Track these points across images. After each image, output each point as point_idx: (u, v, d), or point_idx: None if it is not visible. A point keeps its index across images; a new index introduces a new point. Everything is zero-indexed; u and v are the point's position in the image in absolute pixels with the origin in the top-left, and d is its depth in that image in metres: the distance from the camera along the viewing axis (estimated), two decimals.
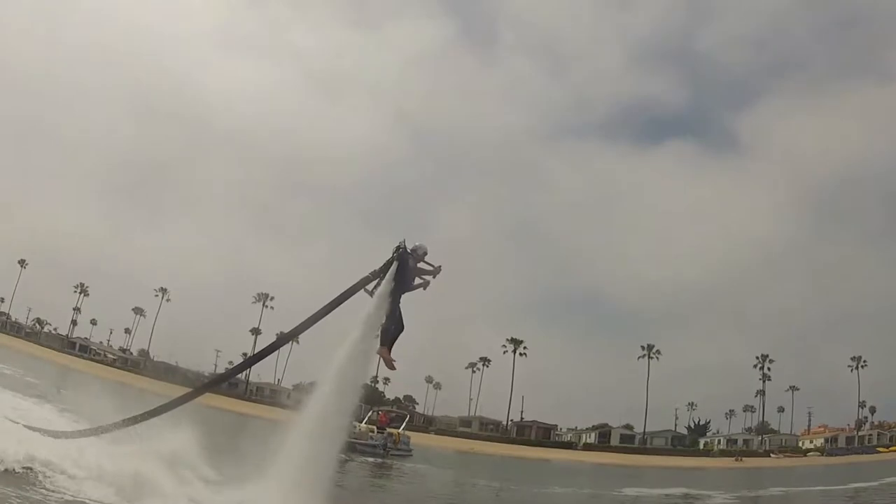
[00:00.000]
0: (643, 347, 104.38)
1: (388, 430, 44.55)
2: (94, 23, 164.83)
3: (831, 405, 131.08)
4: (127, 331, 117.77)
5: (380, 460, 35.08)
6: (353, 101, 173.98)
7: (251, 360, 18.94)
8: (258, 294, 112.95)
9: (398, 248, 12.03)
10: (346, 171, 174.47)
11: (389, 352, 11.51)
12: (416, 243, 12.24)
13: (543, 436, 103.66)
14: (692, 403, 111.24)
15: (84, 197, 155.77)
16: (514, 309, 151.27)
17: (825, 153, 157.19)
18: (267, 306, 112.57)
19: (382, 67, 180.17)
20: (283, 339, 14.54)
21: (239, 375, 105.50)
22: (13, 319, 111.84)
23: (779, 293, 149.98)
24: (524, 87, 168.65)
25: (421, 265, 12.17)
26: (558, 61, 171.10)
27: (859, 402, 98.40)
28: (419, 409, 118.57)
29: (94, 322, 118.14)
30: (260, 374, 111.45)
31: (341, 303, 11.94)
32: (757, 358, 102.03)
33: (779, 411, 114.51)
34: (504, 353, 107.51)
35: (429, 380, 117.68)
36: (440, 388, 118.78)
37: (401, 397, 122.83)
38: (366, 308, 11.67)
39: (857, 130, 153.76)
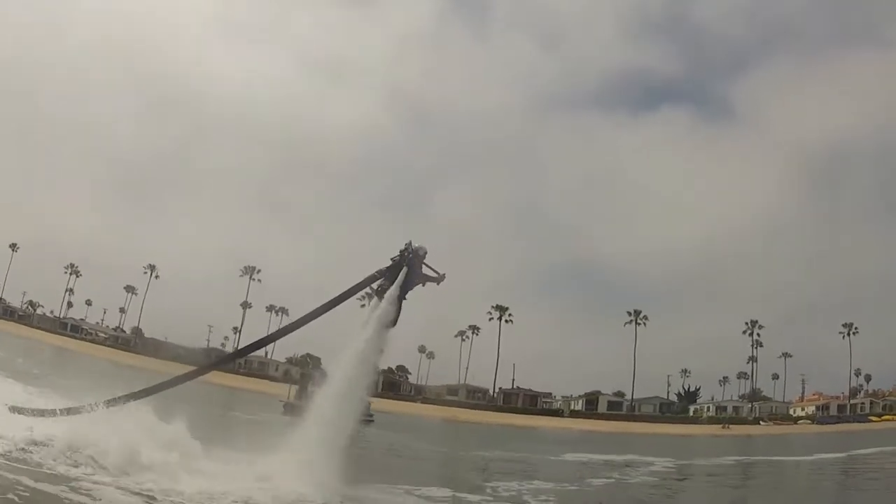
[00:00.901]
0: (629, 313, 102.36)
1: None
2: (93, 12, 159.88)
3: (827, 374, 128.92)
4: (122, 310, 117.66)
5: None
6: (349, 82, 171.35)
7: (257, 344, 17.96)
8: (245, 267, 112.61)
9: (406, 249, 12.95)
10: (344, 152, 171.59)
11: None
12: (418, 244, 13.22)
13: (530, 403, 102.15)
14: (685, 371, 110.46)
15: (84, 185, 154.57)
16: (510, 282, 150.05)
17: (821, 123, 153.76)
18: (254, 279, 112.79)
19: (377, 47, 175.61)
20: (291, 327, 14.81)
21: (221, 346, 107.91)
22: (6, 303, 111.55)
23: (775, 261, 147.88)
24: (518, 60, 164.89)
25: (426, 271, 13.23)
26: (552, 34, 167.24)
27: (851, 370, 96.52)
28: (412, 378, 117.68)
29: (88, 303, 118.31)
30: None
31: (348, 297, 13.34)
32: (746, 324, 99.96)
33: (773, 378, 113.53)
34: (490, 320, 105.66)
35: (422, 349, 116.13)
36: (433, 358, 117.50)
37: (393, 367, 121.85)
38: (378, 308, 12.82)
39: (853, 100, 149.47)
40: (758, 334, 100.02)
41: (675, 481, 19.54)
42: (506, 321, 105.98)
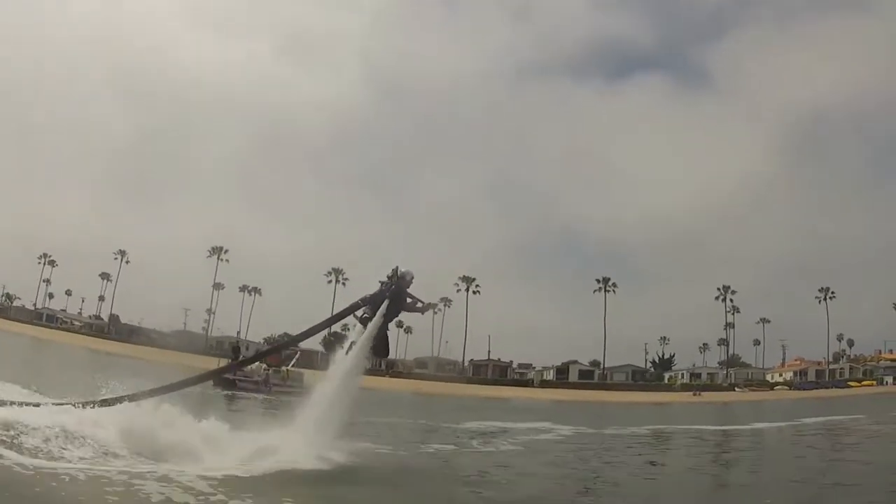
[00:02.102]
0: (598, 281, 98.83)
1: (283, 368, 44.64)
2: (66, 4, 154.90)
3: (811, 340, 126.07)
4: (101, 298, 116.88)
5: (263, 397, 34.36)
6: (324, 60, 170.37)
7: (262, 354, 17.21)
8: (212, 248, 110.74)
9: (391, 276, 12.34)
10: (320, 130, 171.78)
11: None
12: (403, 269, 12.53)
13: (500, 374, 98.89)
14: (664, 338, 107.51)
15: (58, 176, 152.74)
16: (488, 253, 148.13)
17: (801, 89, 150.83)
18: (222, 260, 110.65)
19: (351, 24, 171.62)
20: (282, 345, 16.50)
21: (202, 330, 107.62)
22: None
23: (756, 228, 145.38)
24: (491, 31, 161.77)
25: (410, 301, 12.52)
26: (524, 3, 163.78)
27: (829, 335, 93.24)
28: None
29: (68, 293, 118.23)
30: (221, 327, 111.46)
31: (331, 325, 13.69)
32: (719, 290, 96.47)
33: (755, 345, 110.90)
34: (457, 291, 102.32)
35: (399, 324, 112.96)
36: (411, 333, 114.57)
37: None
38: (360, 339, 12.14)
39: (834, 65, 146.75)
40: (731, 300, 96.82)
41: (542, 451, 15.91)
42: (473, 292, 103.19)
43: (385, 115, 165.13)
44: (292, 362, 46.30)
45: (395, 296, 12.27)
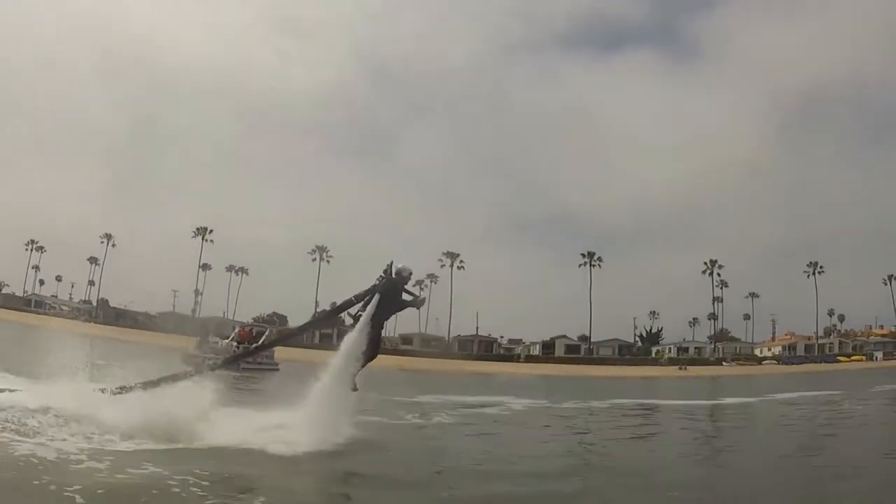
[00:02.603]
0: (583, 255, 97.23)
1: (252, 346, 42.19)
2: None
3: (803, 315, 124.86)
4: (91, 283, 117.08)
5: (236, 374, 32.45)
6: (311, 38, 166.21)
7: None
8: (197, 228, 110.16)
9: (386, 271, 11.24)
10: (308, 108, 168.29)
11: None
12: (400, 265, 11.40)
13: (486, 349, 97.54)
14: (654, 312, 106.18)
15: (41, 158, 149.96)
16: (479, 229, 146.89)
17: (794, 62, 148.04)
18: (207, 240, 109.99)
19: (338, 4, 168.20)
20: (275, 342, 13.79)
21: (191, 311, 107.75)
22: None
23: (748, 202, 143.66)
24: (477, 9, 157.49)
25: (409, 298, 11.62)
26: None
27: (818, 309, 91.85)
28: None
29: (59, 278, 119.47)
30: (210, 308, 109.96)
31: (324, 322, 13.78)
32: (705, 264, 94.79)
33: (745, 319, 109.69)
34: (441, 267, 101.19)
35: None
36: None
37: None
38: (346, 339, 11.13)
39: (824, 36, 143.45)
40: (719, 274, 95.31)
41: (469, 425, 14.45)
42: (458, 268, 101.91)
43: (375, 94, 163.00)
44: (262, 339, 45.19)
45: (387, 293, 11.19)
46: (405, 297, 11.57)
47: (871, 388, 31.07)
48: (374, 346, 11.25)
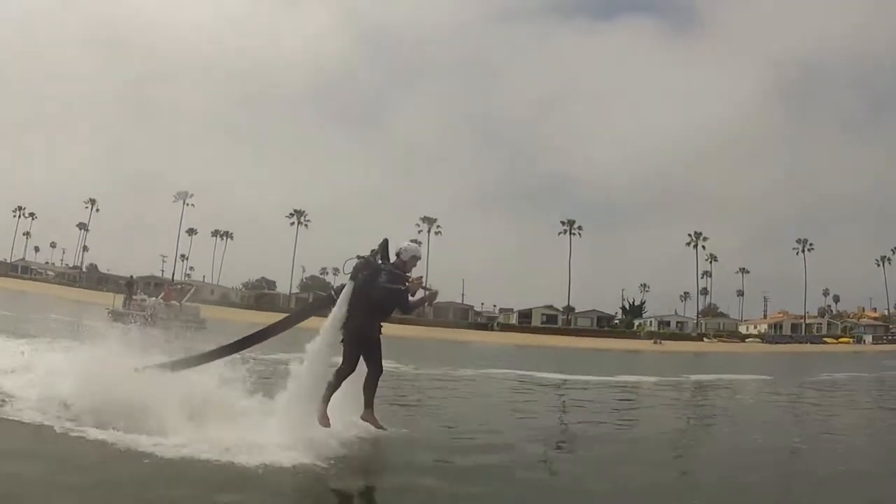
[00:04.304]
0: (563, 223, 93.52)
1: (174, 302, 43.52)
2: None
3: (797, 294, 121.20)
4: (85, 248, 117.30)
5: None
6: (299, 5, 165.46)
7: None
8: (178, 193, 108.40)
9: (375, 252, 7.86)
10: (298, 76, 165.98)
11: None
12: (404, 244, 7.87)
13: (461, 317, 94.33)
14: (644, 285, 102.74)
15: (36, 130, 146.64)
16: (467, 197, 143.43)
17: (789, 31, 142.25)
18: (188, 204, 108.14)
19: None
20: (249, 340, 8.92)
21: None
22: None
23: (743, 175, 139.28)
24: None
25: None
26: None
27: (805, 288, 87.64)
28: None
29: (53, 245, 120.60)
30: (191, 272, 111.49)
31: (293, 324, 8.62)
32: (690, 236, 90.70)
33: (738, 295, 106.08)
34: (419, 232, 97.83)
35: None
36: None
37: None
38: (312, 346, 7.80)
39: (823, 6, 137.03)
40: (704, 247, 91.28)
41: None
42: (435, 233, 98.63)
43: (363, 60, 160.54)
44: (186, 297, 44.93)
45: (370, 277, 7.70)
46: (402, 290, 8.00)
47: (816, 376, 27.36)
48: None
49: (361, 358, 7.64)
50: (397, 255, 7.83)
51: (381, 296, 7.58)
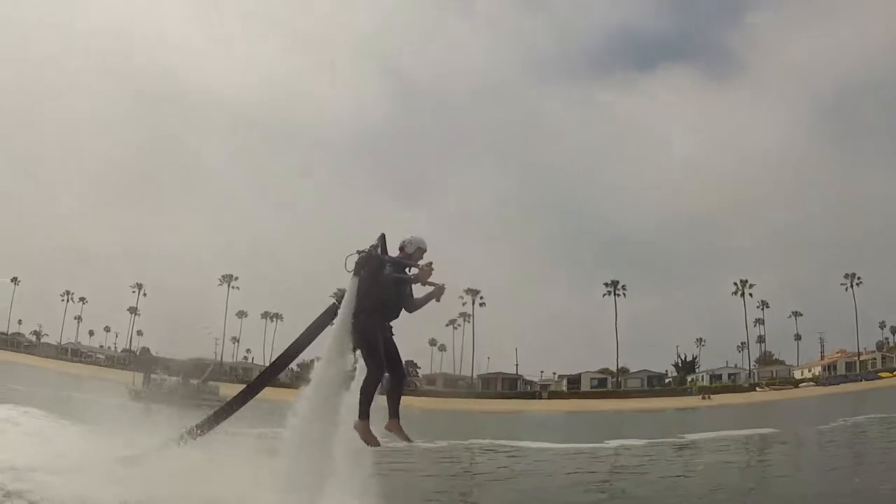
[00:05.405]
0: (606, 284, 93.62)
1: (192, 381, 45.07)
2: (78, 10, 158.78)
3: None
4: (139, 333, 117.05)
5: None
6: (338, 65, 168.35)
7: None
8: (223, 276, 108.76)
9: (375, 248, 7.72)
10: (339, 137, 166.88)
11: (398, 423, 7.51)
12: (408, 237, 7.75)
13: (509, 387, 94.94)
14: (700, 339, 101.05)
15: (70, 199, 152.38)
16: (513, 261, 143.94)
17: (828, 62, 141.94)
18: (233, 287, 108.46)
19: (363, 25, 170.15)
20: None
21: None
22: (16, 335, 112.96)
23: (786, 216, 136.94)
24: (507, 30, 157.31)
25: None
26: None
27: (856, 323, 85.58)
28: (424, 373, 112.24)
29: (107, 329, 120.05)
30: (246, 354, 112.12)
31: (308, 342, 8.32)
32: (736, 284, 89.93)
33: (796, 339, 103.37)
34: (463, 304, 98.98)
35: (433, 342, 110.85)
36: (445, 350, 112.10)
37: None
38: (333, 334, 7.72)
39: (855, 33, 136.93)
40: (751, 294, 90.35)
41: None
42: (479, 305, 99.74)
43: (402, 119, 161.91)
44: (205, 375, 46.89)
45: (371, 270, 7.63)
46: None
47: (828, 422, 27.55)
48: (393, 363, 7.72)
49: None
50: (401, 248, 7.78)
51: (388, 289, 7.48)
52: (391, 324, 7.78)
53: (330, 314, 8.09)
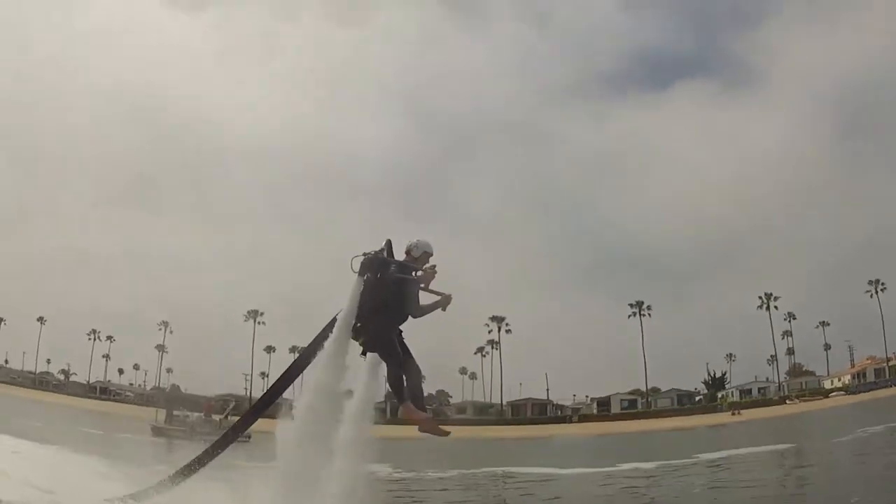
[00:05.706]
0: (631, 306, 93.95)
1: (214, 417, 45.53)
2: (91, 50, 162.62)
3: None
4: (169, 371, 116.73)
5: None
6: (356, 100, 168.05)
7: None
8: (248, 312, 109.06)
9: (382, 253, 7.94)
10: (359, 168, 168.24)
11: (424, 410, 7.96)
12: (413, 241, 8.03)
13: (539, 412, 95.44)
14: (731, 355, 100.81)
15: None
16: (528, 281, 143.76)
17: (843, 67, 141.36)
18: (259, 322, 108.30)
19: (378, 60, 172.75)
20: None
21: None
22: (46, 373, 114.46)
23: (809, 227, 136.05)
24: (520, 54, 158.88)
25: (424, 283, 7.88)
26: (549, 20, 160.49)
27: (883, 328, 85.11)
28: (454, 401, 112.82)
29: (136, 367, 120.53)
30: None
31: (306, 364, 8.61)
32: (761, 298, 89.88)
33: (825, 349, 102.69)
34: (489, 332, 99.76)
35: (463, 371, 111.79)
36: (476, 379, 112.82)
37: (433, 392, 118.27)
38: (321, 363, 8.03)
39: (868, 38, 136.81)
40: (776, 307, 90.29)
41: None
42: (506, 331, 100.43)
43: (418, 143, 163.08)
44: (228, 411, 47.24)
45: (378, 274, 7.81)
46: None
47: (843, 435, 28.01)
48: (410, 366, 7.92)
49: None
50: (407, 252, 7.95)
51: (392, 291, 7.58)
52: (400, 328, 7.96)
53: (329, 327, 8.20)
